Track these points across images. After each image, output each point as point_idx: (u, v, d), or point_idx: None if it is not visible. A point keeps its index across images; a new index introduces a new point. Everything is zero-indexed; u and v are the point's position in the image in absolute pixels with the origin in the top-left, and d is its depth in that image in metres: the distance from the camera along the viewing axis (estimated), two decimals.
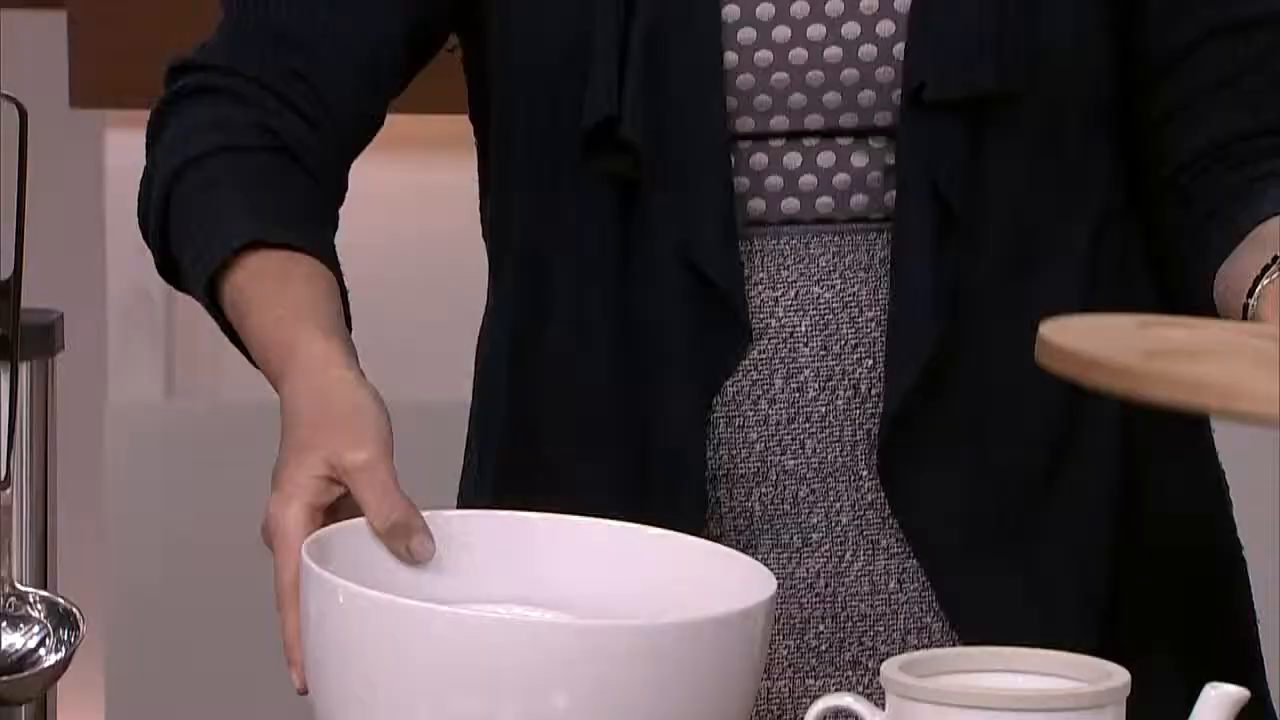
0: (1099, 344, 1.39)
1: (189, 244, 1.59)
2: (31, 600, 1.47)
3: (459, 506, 1.70)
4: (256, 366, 1.56)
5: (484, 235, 1.70)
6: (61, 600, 1.47)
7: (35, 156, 1.43)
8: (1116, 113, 1.62)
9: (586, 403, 1.62)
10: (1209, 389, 1.30)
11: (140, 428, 2.71)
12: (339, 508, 1.46)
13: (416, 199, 2.69)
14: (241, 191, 1.59)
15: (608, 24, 1.57)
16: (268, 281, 1.55)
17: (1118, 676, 1.30)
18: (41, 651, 1.45)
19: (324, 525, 1.45)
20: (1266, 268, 1.52)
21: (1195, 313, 1.56)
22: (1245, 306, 1.53)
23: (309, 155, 1.61)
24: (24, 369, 1.46)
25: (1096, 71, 1.60)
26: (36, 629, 1.46)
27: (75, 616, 1.46)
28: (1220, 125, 1.60)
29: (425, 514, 1.47)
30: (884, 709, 1.31)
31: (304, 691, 1.41)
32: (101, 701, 2.65)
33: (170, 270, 1.62)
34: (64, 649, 1.46)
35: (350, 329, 1.58)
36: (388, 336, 2.80)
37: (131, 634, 2.69)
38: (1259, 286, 1.52)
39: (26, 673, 1.46)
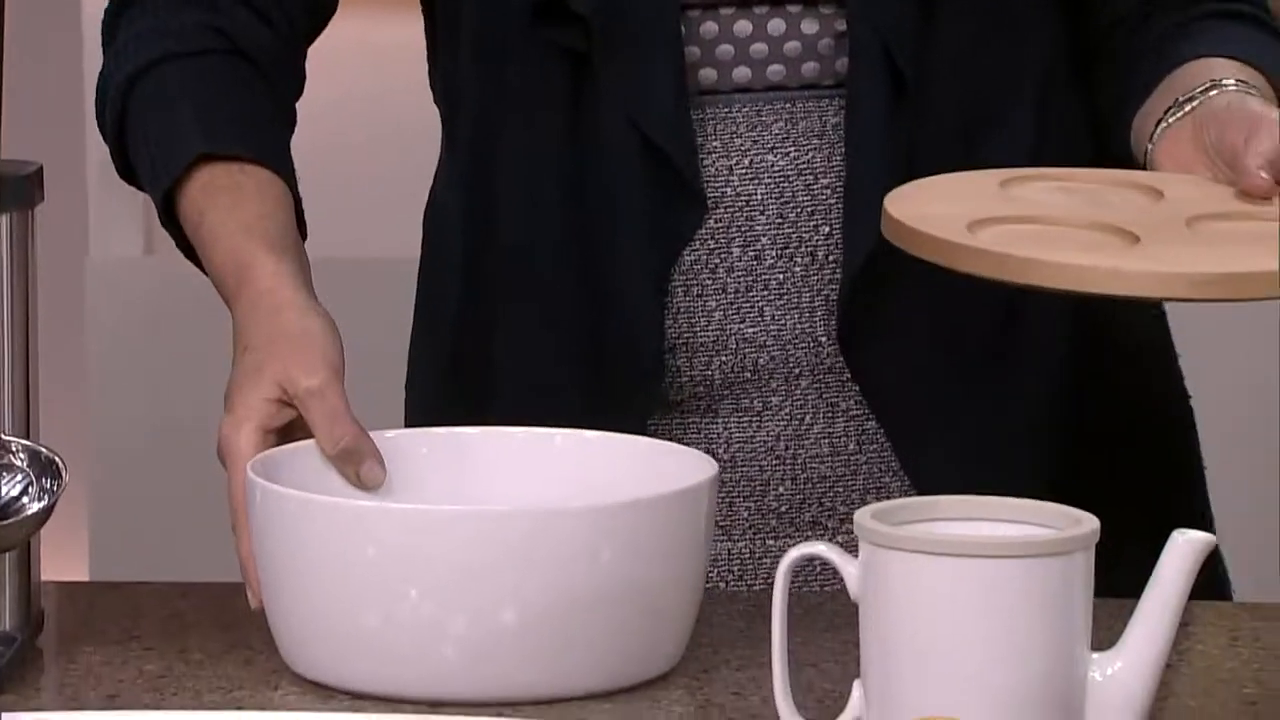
0: (934, 210, 1.44)
1: (143, 159, 1.58)
2: (14, 449, 1.45)
3: (410, 373, 1.70)
4: (212, 281, 1.56)
5: (434, 99, 1.67)
6: (44, 449, 1.44)
7: (19, 22, 1.39)
8: None
9: (541, 273, 1.60)
10: (1009, 261, 1.35)
11: (120, 283, 2.68)
12: (291, 430, 1.46)
13: (367, 56, 2.68)
14: (191, 102, 1.56)
15: None
16: (219, 196, 1.54)
17: (1087, 523, 1.28)
18: (25, 499, 1.43)
19: (276, 447, 1.46)
20: (1169, 109, 1.53)
21: (1122, 166, 1.56)
22: (1145, 152, 1.55)
23: (261, 54, 1.59)
24: (4, 220, 1.44)
25: None
26: (19, 477, 1.44)
27: (58, 465, 1.44)
28: None
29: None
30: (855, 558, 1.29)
31: (259, 608, 1.43)
32: (85, 548, 2.64)
33: (129, 174, 1.61)
34: (47, 497, 1.43)
35: (305, 236, 1.57)
36: (337, 194, 2.78)
37: (114, 481, 2.68)
38: (1158, 130, 1.53)
39: (10, 520, 1.43)
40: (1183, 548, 1.28)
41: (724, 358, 1.59)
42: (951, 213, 1.43)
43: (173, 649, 1.47)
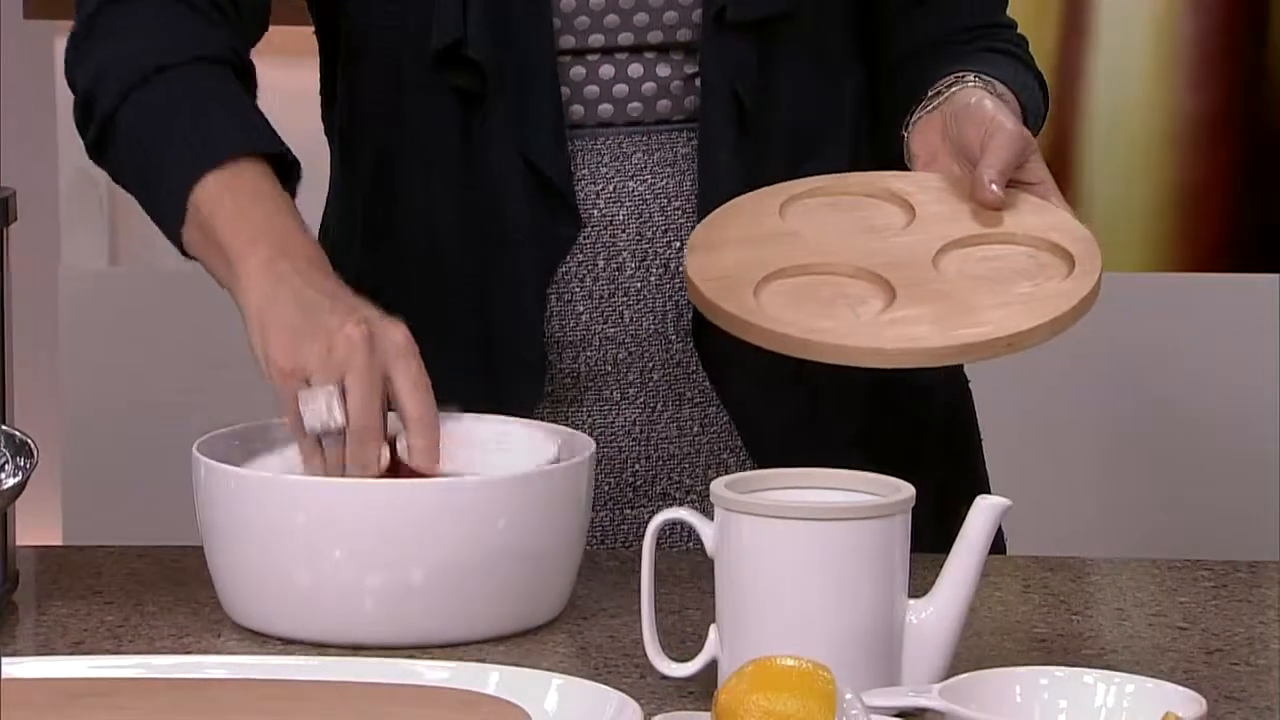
0: (727, 261, 1.48)
1: (155, 160, 1.49)
2: None
3: None
4: (188, 256, 1.50)
5: (329, 137, 1.66)
6: (18, 432, 1.44)
7: None
8: (864, 27, 1.64)
9: (437, 283, 1.60)
10: (790, 340, 1.42)
11: (89, 291, 2.68)
12: None
13: (295, 98, 2.68)
14: (218, 103, 1.50)
15: None
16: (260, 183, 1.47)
17: (904, 490, 1.31)
18: (1, 476, 1.42)
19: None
20: (921, 103, 1.55)
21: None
22: (902, 140, 1.57)
23: (238, 59, 1.56)
24: None
25: None
26: None
27: (30, 446, 1.44)
28: (927, 27, 1.62)
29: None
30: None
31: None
32: (58, 519, 2.63)
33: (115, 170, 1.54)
34: (20, 473, 1.43)
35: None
36: None
37: (84, 462, 2.67)
38: (912, 121, 1.55)
39: None
40: (985, 510, 1.30)
41: (589, 354, 1.59)
42: (742, 263, 1.47)
43: (130, 603, 1.47)
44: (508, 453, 1.45)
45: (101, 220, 2.89)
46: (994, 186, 1.49)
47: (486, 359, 1.59)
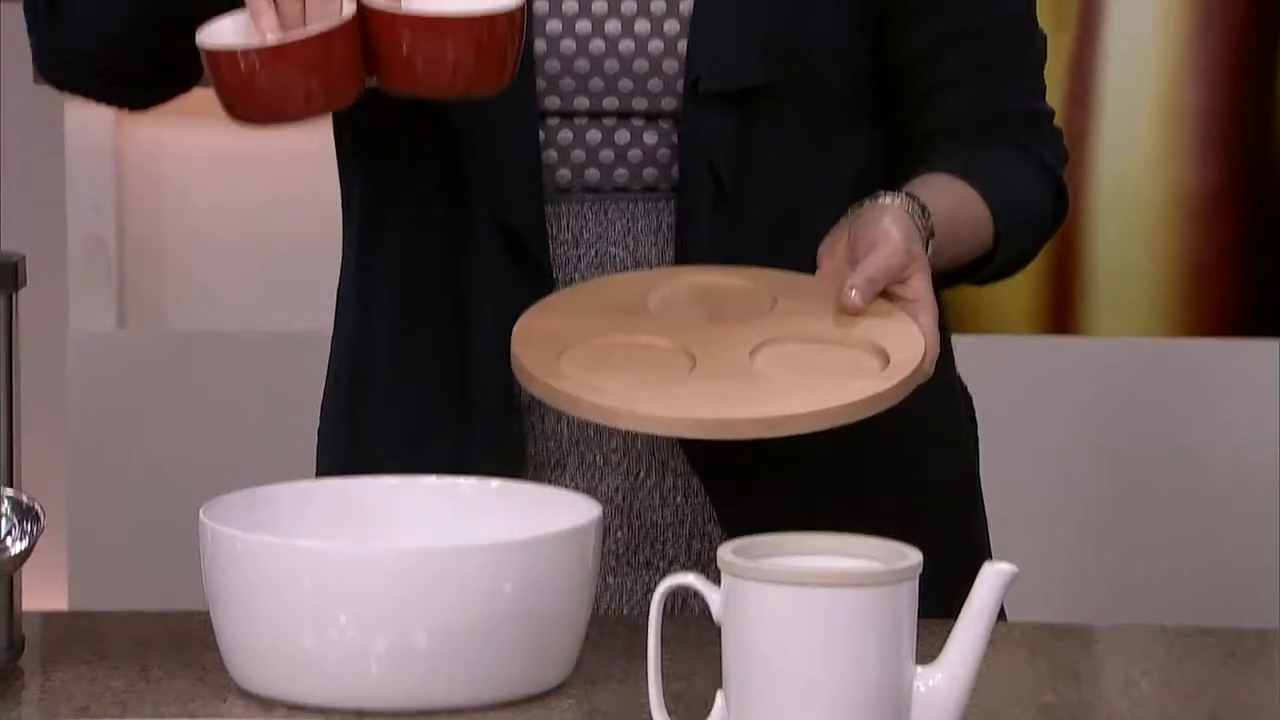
0: (555, 324, 1.49)
1: None
2: None
3: (321, 423, 1.69)
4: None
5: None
6: (25, 497, 1.45)
7: (6, 124, 1.39)
8: (871, 100, 1.61)
9: (417, 344, 1.60)
10: (560, 397, 1.44)
11: (97, 353, 2.68)
12: None
13: (297, 164, 2.69)
14: None
15: None
16: None
17: (911, 557, 1.30)
18: (8, 541, 1.43)
19: None
20: (850, 210, 1.53)
21: None
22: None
23: None
24: None
25: (853, 67, 1.59)
26: (2, 522, 1.44)
27: (37, 511, 1.44)
28: (949, 111, 1.61)
29: (302, 484, 1.46)
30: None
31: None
32: (65, 582, 2.63)
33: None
34: (27, 538, 1.43)
35: None
36: (277, 278, 2.78)
37: (90, 526, 2.67)
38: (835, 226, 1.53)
39: None
40: (993, 577, 1.29)
41: (571, 418, 1.58)
42: (565, 326, 1.48)
43: (136, 668, 1.46)
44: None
45: (110, 283, 2.90)
46: (854, 293, 1.48)
47: (461, 414, 1.58)
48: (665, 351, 1.48)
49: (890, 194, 1.53)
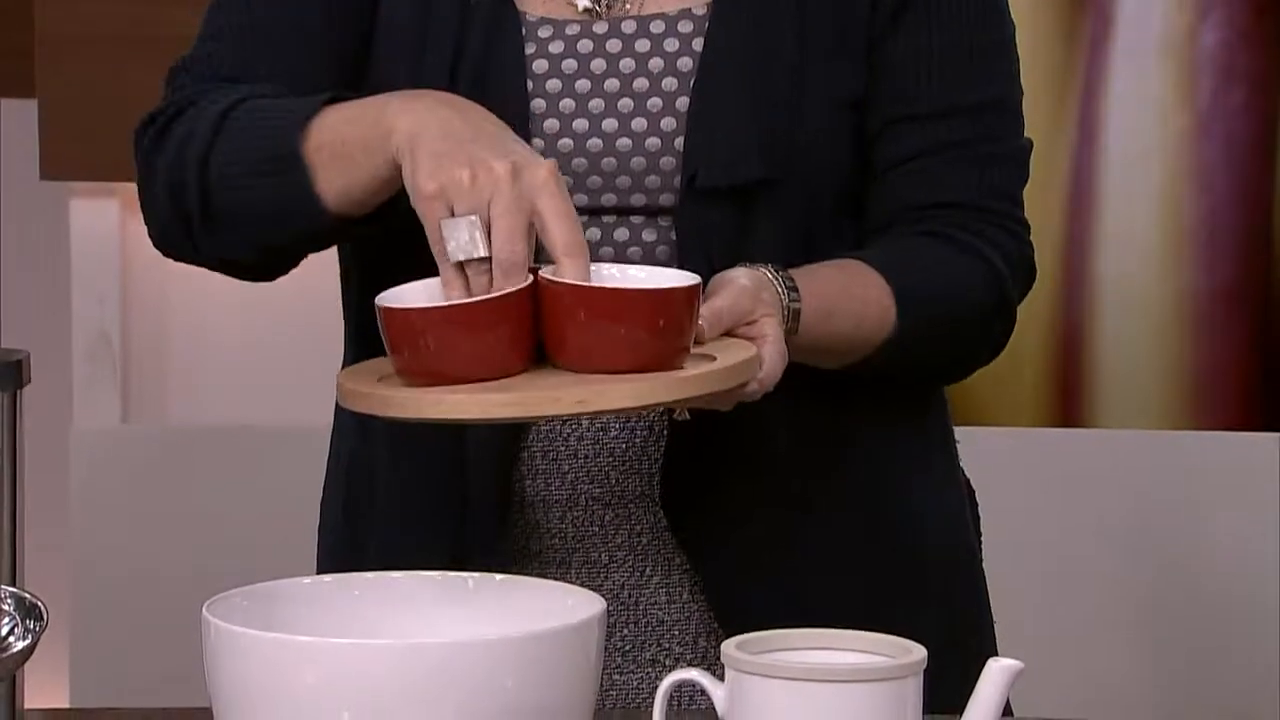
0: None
1: (250, 154, 1.50)
2: (2, 595, 1.45)
3: (321, 518, 1.68)
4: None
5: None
6: (28, 594, 1.44)
7: (11, 221, 1.40)
8: (858, 192, 1.61)
9: (415, 438, 1.59)
10: (370, 398, 1.40)
11: (100, 449, 2.68)
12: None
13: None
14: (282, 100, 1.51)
15: None
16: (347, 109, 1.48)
17: (916, 652, 1.30)
18: (11, 639, 1.43)
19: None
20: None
21: None
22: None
23: None
24: None
25: (845, 163, 1.59)
26: (6, 620, 1.44)
27: (40, 609, 1.44)
28: (897, 197, 1.59)
29: (305, 580, 1.45)
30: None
31: None
32: (66, 679, 2.62)
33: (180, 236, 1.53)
34: (30, 636, 1.43)
35: None
36: (281, 373, 2.78)
37: (92, 623, 2.66)
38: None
39: None
40: (998, 674, 1.29)
41: (576, 514, 1.57)
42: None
43: None
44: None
45: (114, 379, 2.90)
46: (699, 323, 1.45)
47: (461, 506, 1.58)
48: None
49: (760, 265, 1.52)
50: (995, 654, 1.57)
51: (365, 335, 1.64)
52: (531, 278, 1.42)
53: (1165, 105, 2.81)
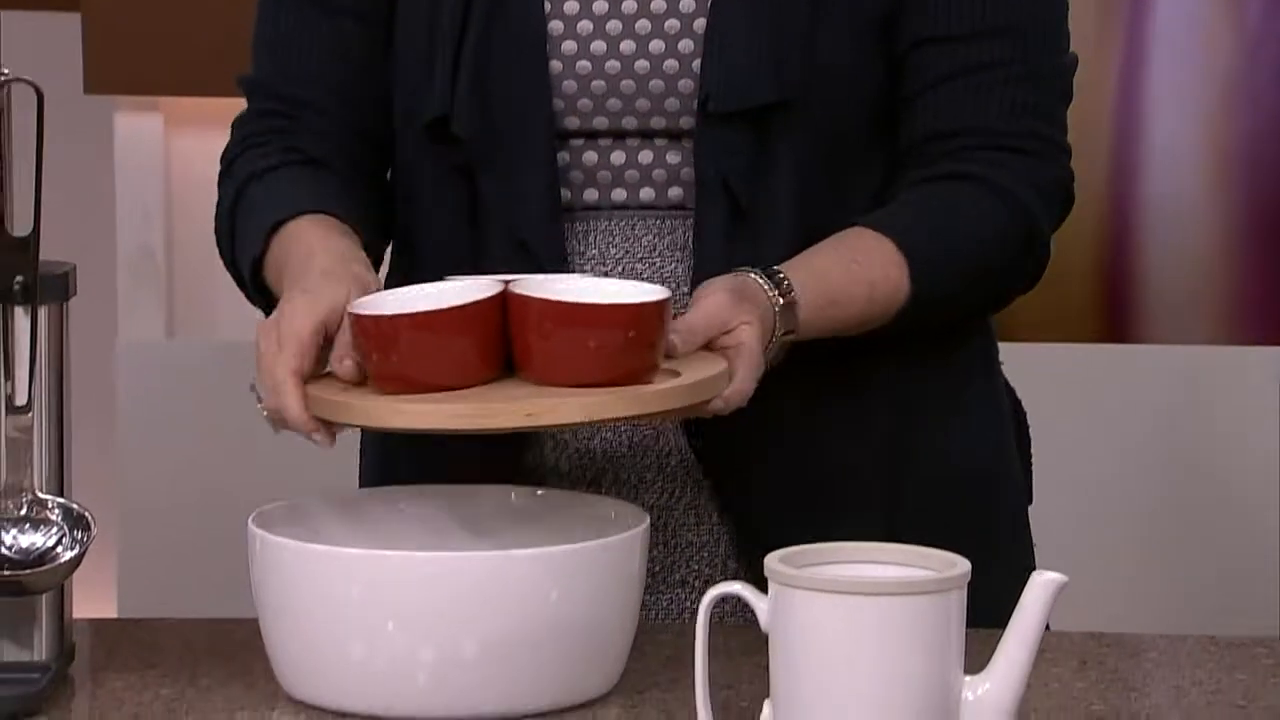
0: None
1: (241, 260, 1.59)
2: (50, 506, 1.46)
3: (362, 441, 1.69)
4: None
5: None
6: (75, 506, 1.45)
7: (56, 136, 1.41)
8: (888, 111, 1.58)
9: None
10: (333, 405, 1.41)
11: (145, 362, 2.69)
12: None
13: None
14: (267, 202, 1.57)
15: (446, 35, 1.55)
16: (287, 246, 1.54)
17: (960, 566, 1.29)
18: (59, 549, 1.44)
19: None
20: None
21: None
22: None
23: (332, 161, 1.61)
24: (42, 312, 1.45)
25: (871, 84, 1.56)
26: (54, 530, 1.45)
27: (87, 519, 1.45)
28: (922, 125, 1.57)
29: (350, 493, 1.49)
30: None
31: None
32: (113, 590, 2.63)
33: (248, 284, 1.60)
34: (78, 547, 1.44)
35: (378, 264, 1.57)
36: None
37: (139, 535, 2.68)
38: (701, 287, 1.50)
39: (46, 567, 1.45)
40: (1042, 587, 1.29)
41: (605, 433, 1.57)
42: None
43: (185, 676, 1.47)
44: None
45: (158, 293, 2.90)
46: (674, 337, 1.44)
47: (493, 435, 1.53)
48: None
49: (748, 269, 1.50)
50: (1032, 568, 1.58)
51: (405, 249, 1.64)
52: (501, 287, 1.43)
53: (1212, 26, 2.78)
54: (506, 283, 1.43)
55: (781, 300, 1.49)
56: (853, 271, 1.52)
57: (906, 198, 1.56)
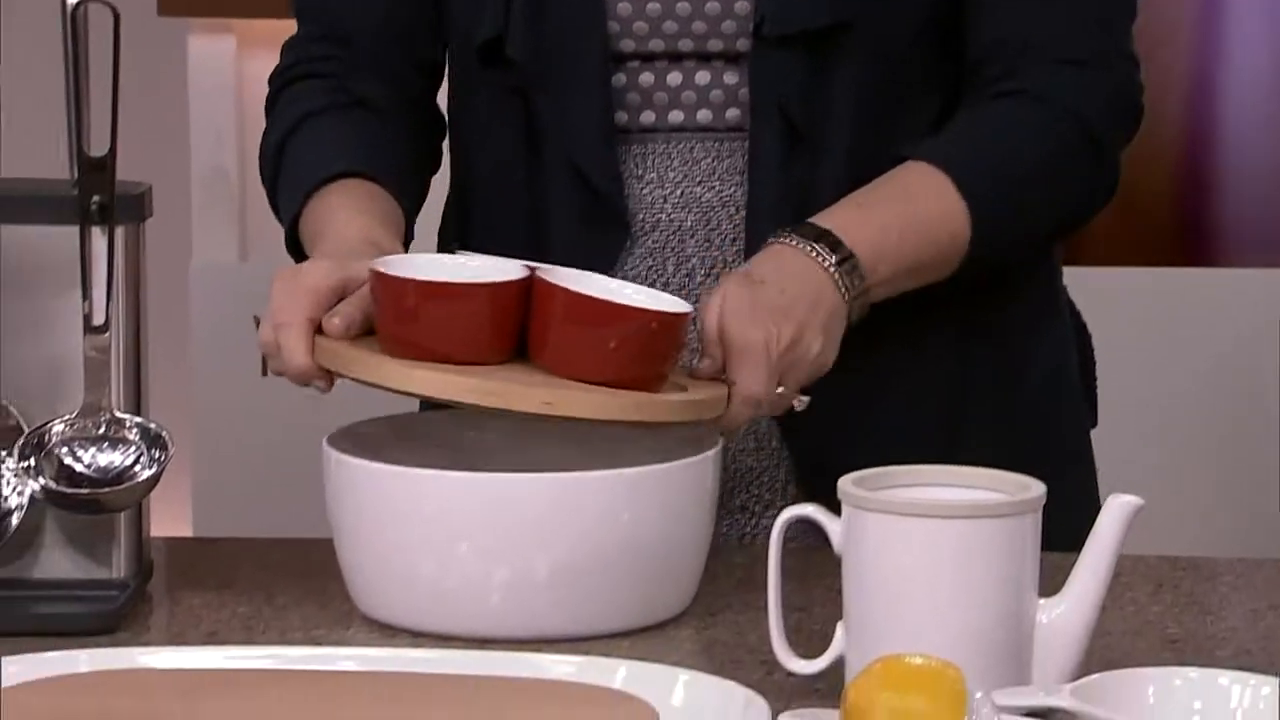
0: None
1: (282, 205, 1.60)
2: (127, 425, 1.47)
3: None
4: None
5: None
6: (153, 425, 1.46)
7: (130, 58, 1.42)
8: (949, 32, 1.56)
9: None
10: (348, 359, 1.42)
11: (219, 284, 2.69)
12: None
13: None
14: (311, 150, 1.58)
15: None
16: (318, 213, 1.54)
17: (1035, 489, 1.29)
18: (136, 468, 1.45)
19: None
20: (779, 231, 1.48)
21: None
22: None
23: (379, 103, 1.61)
24: (120, 232, 1.46)
25: (928, 5, 1.54)
26: (132, 449, 1.46)
27: (165, 438, 1.46)
28: (981, 40, 1.54)
29: (424, 413, 1.49)
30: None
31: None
32: (188, 512, 2.65)
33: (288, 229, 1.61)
34: (155, 466, 1.45)
35: (410, 236, 1.57)
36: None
37: (212, 455, 2.69)
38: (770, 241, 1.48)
39: (124, 485, 1.46)
40: (1118, 509, 1.28)
41: None
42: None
43: (261, 595, 1.48)
44: None
45: (232, 215, 2.91)
46: (704, 362, 1.44)
47: None
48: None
49: (790, 235, 1.47)
50: (1097, 498, 1.58)
51: (460, 177, 1.64)
52: (528, 272, 1.42)
53: None
54: (533, 269, 1.43)
55: (842, 263, 1.47)
56: (914, 221, 1.50)
57: (965, 123, 1.54)
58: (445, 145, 1.68)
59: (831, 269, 1.47)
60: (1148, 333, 2.74)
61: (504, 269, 1.44)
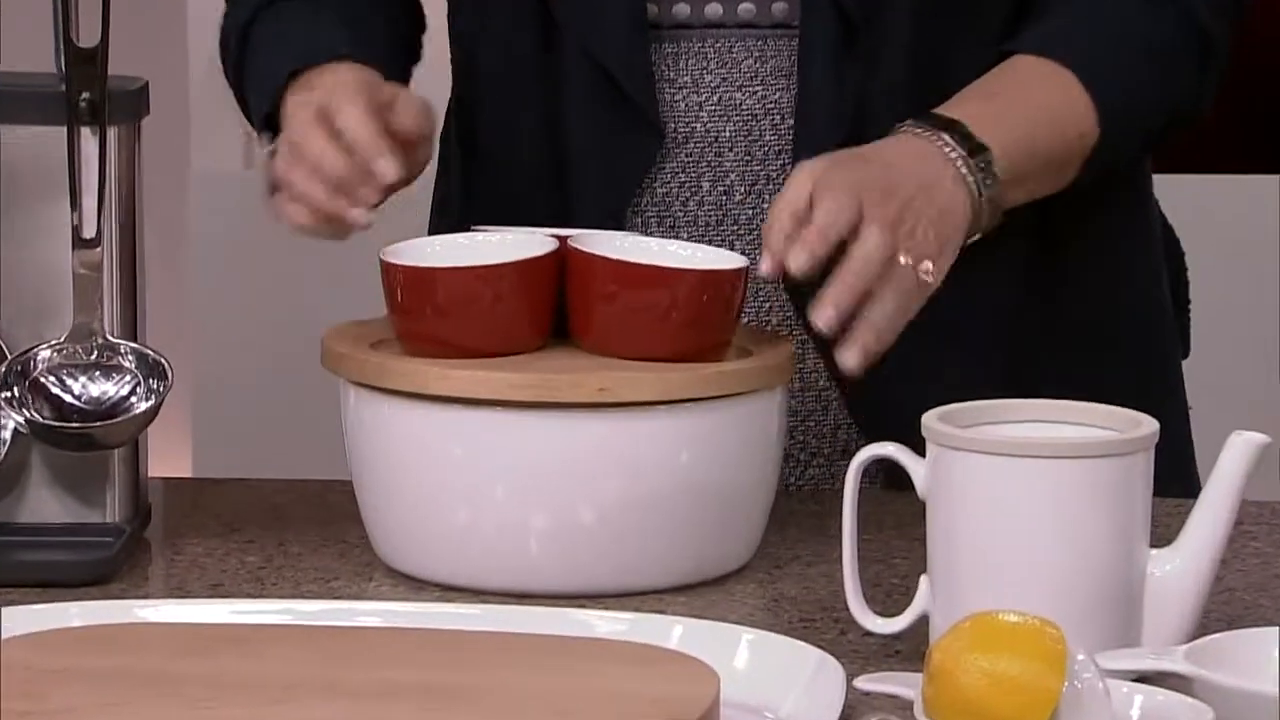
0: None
1: (251, 95, 1.58)
2: (122, 351, 1.45)
3: None
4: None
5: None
6: (151, 351, 1.45)
7: None
8: None
9: (518, 196, 1.57)
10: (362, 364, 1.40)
11: (222, 194, 2.69)
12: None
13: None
14: (282, 35, 1.57)
15: None
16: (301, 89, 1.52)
17: (1146, 425, 1.27)
18: (133, 399, 1.44)
19: None
20: (902, 123, 1.45)
21: None
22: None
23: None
24: (113, 132, 1.44)
25: None
26: (128, 378, 1.45)
27: (164, 366, 1.45)
28: None
29: None
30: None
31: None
32: (188, 450, 2.65)
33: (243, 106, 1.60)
34: (154, 397, 1.44)
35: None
36: None
37: (214, 387, 2.69)
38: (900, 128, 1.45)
39: (120, 418, 1.44)
40: (1240, 447, 1.26)
41: None
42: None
43: (272, 542, 1.48)
44: None
45: (235, 118, 2.89)
46: (764, 266, 1.38)
47: None
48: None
49: (918, 123, 1.44)
50: (1190, 439, 1.57)
51: (464, 84, 1.62)
52: (558, 243, 1.40)
53: None
54: (562, 238, 1.41)
55: (969, 156, 1.43)
56: (1048, 122, 1.47)
57: (1068, 15, 1.52)
58: (445, 44, 1.66)
59: (958, 162, 1.43)
60: (1244, 249, 2.71)
61: (529, 244, 1.41)
